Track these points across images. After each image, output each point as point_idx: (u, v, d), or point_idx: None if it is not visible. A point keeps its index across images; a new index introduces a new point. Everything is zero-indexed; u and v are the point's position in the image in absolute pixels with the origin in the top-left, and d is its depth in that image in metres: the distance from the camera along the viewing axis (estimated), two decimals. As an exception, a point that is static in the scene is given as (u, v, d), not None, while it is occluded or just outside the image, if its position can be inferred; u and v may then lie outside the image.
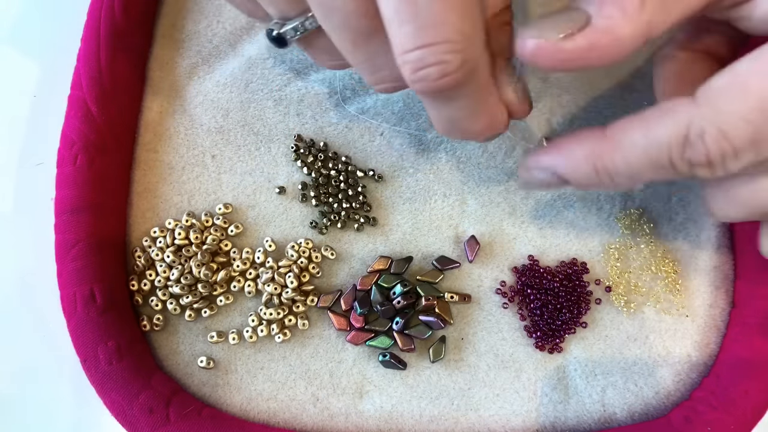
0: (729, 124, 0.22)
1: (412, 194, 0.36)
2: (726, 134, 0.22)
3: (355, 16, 0.23)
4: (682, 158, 0.24)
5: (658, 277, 0.35)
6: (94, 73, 0.34)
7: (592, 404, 0.34)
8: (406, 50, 0.22)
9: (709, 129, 0.23)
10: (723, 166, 0.23)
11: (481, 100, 0.25)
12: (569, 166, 0.27)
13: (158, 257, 0.34)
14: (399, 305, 0.33)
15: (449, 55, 0.22)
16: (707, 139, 0.23)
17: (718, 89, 0.23)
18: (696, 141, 0.23)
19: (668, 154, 0.24)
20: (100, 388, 0.32)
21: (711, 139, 0.23)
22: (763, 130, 0.22)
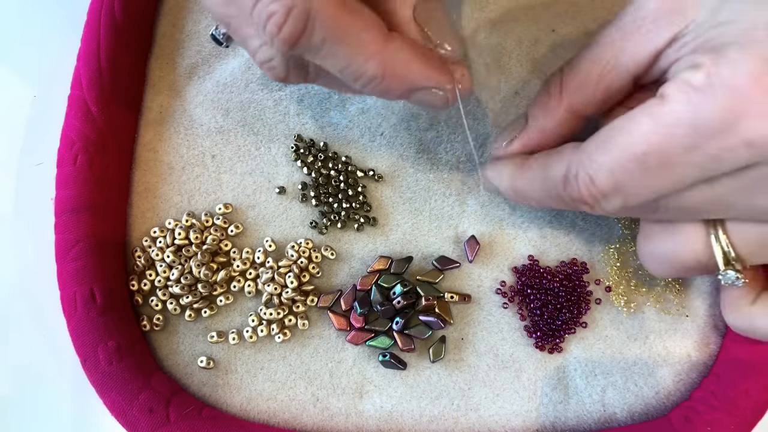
0: (595, 171, 0.25)
1: (412, 194, 0.36)
2: (593, 180, 0.25)
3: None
4: (566, 193, 0.27)
5: (658, 277, 0.35)
6: (94, 73, 0.34)
7: (592, 404, 0.34)
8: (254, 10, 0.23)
9: (581, 173, 0.26)
10: (599, 206, 0.26)
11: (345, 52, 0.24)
12: (496, 180, 0.31)
13: (158, 257, 0.34)
14: (399, 305, 0.33)
15: (274, 5, 0.23)
16: (579, 181, 0.26)
17: (595, 139, 0.26)
18: (572, 181, 0.26)
19: (556, 188, 0.28)
20: (100, 388, 0.32)
21: (582, 182, 0.26)
22: (624, 181, 0.25)
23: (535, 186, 0.29)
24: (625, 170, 0.24)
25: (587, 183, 0.26)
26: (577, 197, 0.26)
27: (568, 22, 0.37)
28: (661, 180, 0.24)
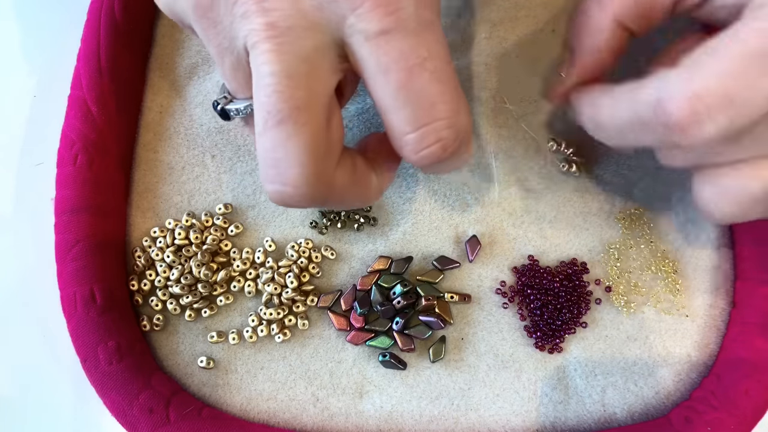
0: (701, 84, 0.23)
1: (412, 194, 0.36)
2: (698, 94, 0.23)
3: (280, 98, 0.24)
4: (658, 119, 0.24)
5: (658, 277, 0.35)
6: (94, 73, 0.34)
7: (592, 404, 0.34)
8: (406, 132, 0.24)
9: (681, 89, 0.24)
10: (698, 129, 0.24)
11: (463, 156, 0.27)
12: (578, 106, 0.30)
13: (158, 257, 0.34)
14: (399, 305, 0.33)
15: (446, 131, 0.24)
16: (678, 98, 0.24)
17: (693, 56, 0.24)
18: (667, 101, 0.24)
19: (644, 114, 0.25)
20: (100, 388, 0.32)
21: (682, 99, 0.23)
22: (736, 87, 0.23)
23: (622, 114, 0.27)
24: (739, 75, 0.23)
25: (691, 99, 0.23)
26: (675, 119, 0.24)
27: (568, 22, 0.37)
28: None
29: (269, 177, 0.25)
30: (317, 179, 0.25)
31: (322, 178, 0.25)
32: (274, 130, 0.24)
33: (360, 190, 0.27)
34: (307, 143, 0.24)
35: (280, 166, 0.24)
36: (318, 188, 0.25)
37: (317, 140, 0.24)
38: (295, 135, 0.24)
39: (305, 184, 0.24)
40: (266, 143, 0.24)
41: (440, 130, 0.24)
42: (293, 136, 0.24)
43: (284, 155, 0.24)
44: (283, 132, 0.24)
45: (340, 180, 0.26)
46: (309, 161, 0.24)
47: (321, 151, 0.24)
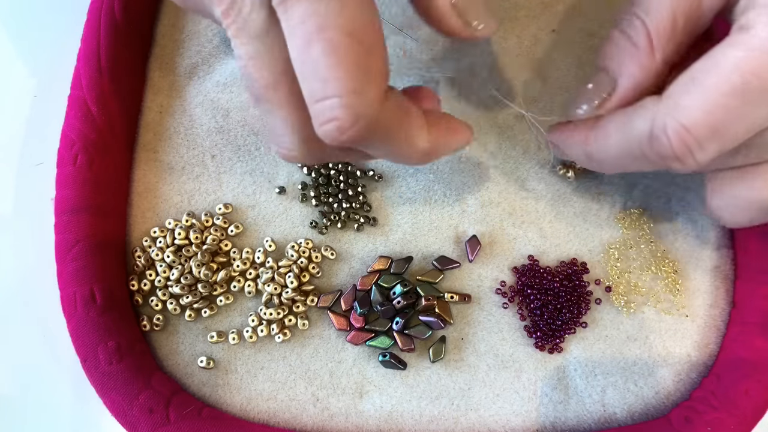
0: (688, 117, 0.24)
1: (412, 194, 0.36)
2: (686, 127, 0.24)
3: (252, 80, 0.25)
4: (652, 151, 0.26)
5: (658, 277, 0.35)
6: (94, 73, 0.34)
7: (592, 404, 0.34)
8: (309, 104, 0.24)
9: (671, 123, 0.24)
10: (692, 158, 0.25)
11: (399, 141, 0.26)
12: (568, 147, 0.30)
13: (158, 257, 0.34)
14: (399, 305, 0.33)
15: (340, 110, 0.23)
16: (669, 133, 0.25)
17: (678, 86, 0.25)
18: (660, 135, 0.25)
19: (639, 147, 0.26)
20: (100, 388, 0.32)
21: (673, 133, 0.24)
22: (722, 120, 0.24)
23: (614, 149, 0.27)
24: (723, 107, 0.23)
25: (680, 132, 0.24)
26: (668, 152, 0.25)
27: (568, 22, 0.37)
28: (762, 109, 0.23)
29: (270, 140, 0.27)
30: (306, 144, 0.26)
31: (311, 143, 0.26)
32: (257, 107, 0.26)
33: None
34: (286, 116, 0.25)
35: (273, 132, 0.26)
36: (311, 150, 0.26)
37: (296, 111, 0.25)
38: (272, 111, 0.25)
39: (297, 149, 0.26)
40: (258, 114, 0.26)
41: (334, 108, 0.23)
42: (271, 111, 0.25)
43: (272, 125, 0.26)
44: (263, 108, 0.25)
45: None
46: (293, 130, 0.25)
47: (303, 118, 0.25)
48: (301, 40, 0.22)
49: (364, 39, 0.23)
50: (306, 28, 0.22)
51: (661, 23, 0.26)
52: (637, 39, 0.27)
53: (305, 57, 0.23)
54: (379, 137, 0.25)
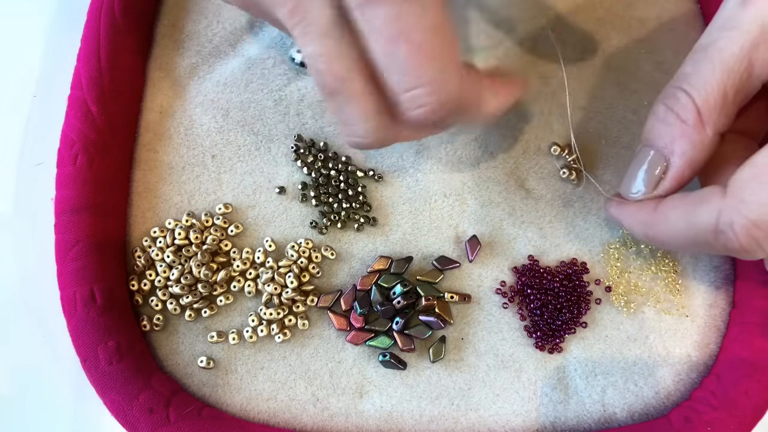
0: (755, 213, 0.24)
1: (412, 194, 0.36)
2: (754, 222, 0.24)
3: (324, 75, 0.26)
4: (718, 242, 0.26)
5: (658, 277, 0.35)
6: (94, 73, 0.34)
7: (592, 404, 0.34)
8: (396, 93, 0.25)
9: (738, 219, 0.24)
10: (761, 251, 0.25)
11: (476, 109, 0.28)
12: (628, 225, 0.30)
13: (158, 257, 0.34)
14: (399, 305, 0.33)
15: (430, 97, 0.25)
16: (736, 228, 0.25)
17: (741, 181, 0.25)
18: (726, 230, 0.25)
19: (704, 238, 0.26)
20: (100, 388, 0.32)
21: (740, 230, 0.25)
22: None
23: (677, 236, 0.28)
24: None
25: (748, 228, 0.24)
26: (735, 246, 0.25)
27: (568, 22, 0.37)
28: None
29: (344, 132, 0.28)
30: (379, 130, 0.27)
31: (384, 129, 0.27)
32: (330, 101, 0.27)
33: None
34: (359, 106, 0.26)
35: (347, 123, 0.27)
36: (383, 135, 0.27)
37: (369, 100, 0.26)
38: (346, 102, 0.26)
39: (371, 136, 0.27)
40: (331, 108, 0.27)
41: (424, 95, 0.25)
42: (345, 103, 0.26)
43: (346, 116, 0.27)
44: (337, 102, 0.26)
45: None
46: (366, 119, 0.26)
47: (377, 106, 0.26)
48: (386, 41, 0.24)
49: (443, 33, 0.25)
50: (390, 31, 0.24)
51: (711, 96, 0.26)
52: (685, 115, 0.27)
53: (391, 55, 0.24)
54: (460, 111, 0.27)
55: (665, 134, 0.28)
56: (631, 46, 0.37)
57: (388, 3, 0.24)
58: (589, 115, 0.36)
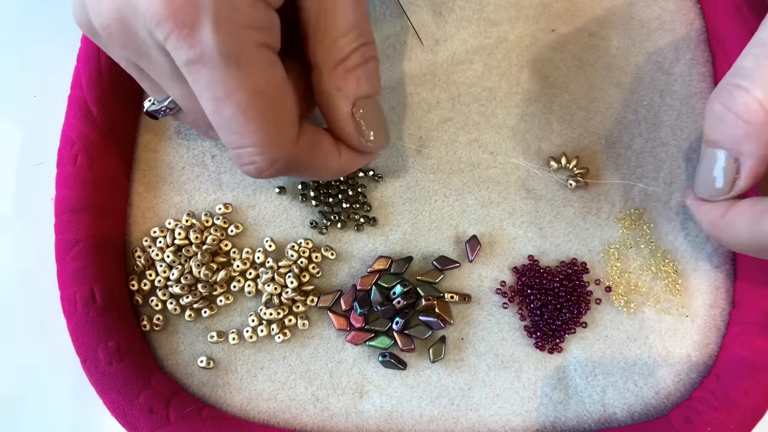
0: None
1: (412, 194, 0.36)
2: None
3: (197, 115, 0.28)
4: None
5: (658, 277, 0.35)
6: (94, 73, 0.34)
7: (592, 404, 0.34)
8: (228, 148, 0.27)
9: None
10: None
11: (315, 168, 0.29)
12: (698, 221, 0.31)
13: (158, 257, 0.34)
14: (399, 305, 0.33)
15: (257, 157, 0.26)
16: None
17: None
18: None
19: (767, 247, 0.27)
20: (100, 388, 0.32)
21: None
22: None
23: (740, 241, 0.28)
24: None
25: None
26: None
27: (568, 22, 0.37)
28: None
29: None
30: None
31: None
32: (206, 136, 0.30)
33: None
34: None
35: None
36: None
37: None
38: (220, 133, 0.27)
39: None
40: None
41: (252, 155, 0.26)
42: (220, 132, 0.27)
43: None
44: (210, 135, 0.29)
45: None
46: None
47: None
48: (211, 102, 0.25)
49: (269, 95, 0.25)
50: (214, 93, 0.24)
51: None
52: (747, 115, 0.26)
53: (218, 116, 0.25)
54: (295, 169, 0.28)
55: (729, 135, 0.27)
56: (631, 46, 0.37)
57: (210, 65, 0.24)
58: (589, 115, 0.36)
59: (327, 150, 0.29)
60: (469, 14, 0.37)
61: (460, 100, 0.37)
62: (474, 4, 0.37)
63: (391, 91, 0.37)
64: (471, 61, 0.37)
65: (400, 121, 0.36)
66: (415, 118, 0.36)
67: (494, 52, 0.37)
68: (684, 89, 0.36)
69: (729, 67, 0.28)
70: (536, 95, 0.37)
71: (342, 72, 0.28)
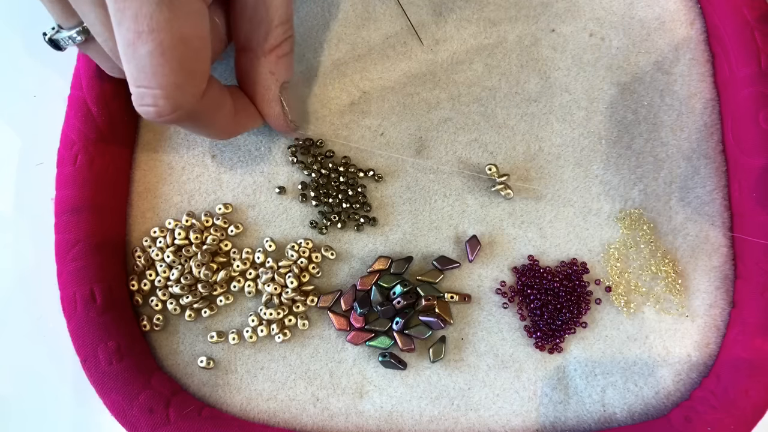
0: None
1: (412, 194, 0.36)
2: None
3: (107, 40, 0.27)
4: None
5: (658, 277, 0.35)
6: (94, 73, 0.34)
7: (592, 404, 0.34)
8: (131, 83, 0.26)
9: None
10: None
11: (210, 126, 0.29)
12: None
13: (158, 257, 0.34)
14: (399, 305, 0.33)
15: (161, 100, 0.25)
16: None
17: None
18: None
19: None
20: (100, 388, 0.32)
21: None
22: None
23: None
24: None
25: None
26: None
27: (568, 22, 0.37)
28: None
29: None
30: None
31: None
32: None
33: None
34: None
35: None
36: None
37: None
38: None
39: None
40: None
41: (157, 97, 0.25)
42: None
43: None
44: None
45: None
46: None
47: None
48: (132, 35, 0.24)
49: (191, 43, 0.25)
50: (137, 27, 0.24)
51: None
52: None
53: (133, 51, 0.24)
54: (193, 121, 0.28)
55: None
56: (631, 46, 0.37)
57: (145, 2, 0.24)
58: (589, 115, 0.36)
59: (227, 111, 0.30)
60: (469, 14, 0.37)
61: (460, 100, 0.37)
62: (474, 4, 0.37)
63: (391, 91, 0.37)
64: (471, 61, 0.37)
65: (400, 121, 0.36)
66: (415, 118, 0.36)
67: (494, 52, 0.37)
68: (684, 89, 0.36)
69: (729, 67, 0.28)
70: (536, 95, 0.37)
71: (275, 57, 0.31)
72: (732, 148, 0.35)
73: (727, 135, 0.35)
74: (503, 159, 0.36)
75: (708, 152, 0.36)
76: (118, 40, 0.25)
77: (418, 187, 0.36)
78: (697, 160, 0.36)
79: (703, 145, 0.36)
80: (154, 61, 0.24)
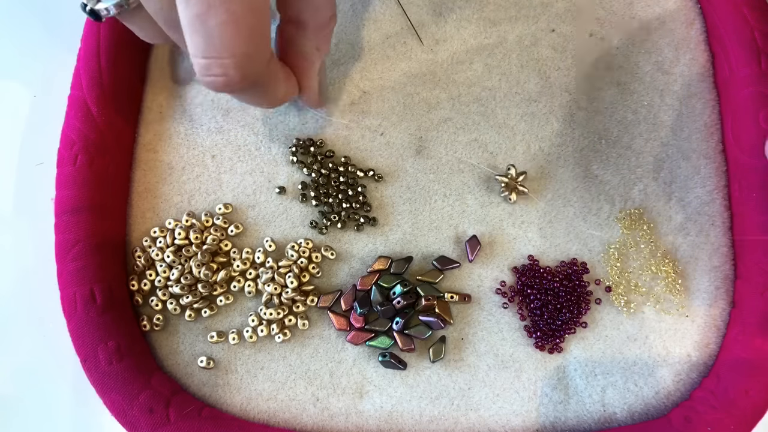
0: None
1: (412, 194, 0.36)
2: None
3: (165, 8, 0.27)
4: None
5: (658, 277, 0.35)
6: (94, 73, 0.34)
7: (592, 404, 0.34)
8: (195, 55, 0.25)
9: None
10: None
11: (266, 95, 0.30)
12: None
13: (158, 257, 0.34)
14: (399, 305, 0.33)
15: (232, 69, 0.25)
16: None
17: None
18: None
19: None
20: (100, 388, 0.32)
21: None
22: None
23: None
24: None
25: None
26: None
27: (568, 22, 0.37)
28: None
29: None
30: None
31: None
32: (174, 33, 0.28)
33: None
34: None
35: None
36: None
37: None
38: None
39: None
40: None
41: (227, 67, 0.25)
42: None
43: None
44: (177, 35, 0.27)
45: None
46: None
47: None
48: (202, 6, 0.24)
49: (261, 11, 0.25)
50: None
51: None
52: None
53: (201, 22, 0.24)
54: (256, 88, 0.28)
55: None
56: (631, 46, 0.37)
57: None
58: (589, 115, 0.36)
59: (281, 79, 0.30)
60: (469, 14, 0.37)
61: (460, 100, 0.37)
62: (474, 4, 0.37)
63: (391, 90, 0.37)
64: (471, 61, 0.37)
65: (400, 121, 0.36)
66: (415, 118, 0.36)
67: (494, 52, 0.37)
68: (684, 89, 0.36)
69: (729, 67, 0.28)
70: (536, 95, 0.37)
71: (322, 34, 0.31)
72: (732, 148, 0.35)
73: (727, 135, 0.35)
74: (503, 159, 0.36)
75: (708, 152, 0.36)
76: (184, 13, 0.24)
77: (418, 187, 0.36)
78: (697, 160, 0.36)
79: (703, 145, 0.36)
80: (225, 32, 0.24)
